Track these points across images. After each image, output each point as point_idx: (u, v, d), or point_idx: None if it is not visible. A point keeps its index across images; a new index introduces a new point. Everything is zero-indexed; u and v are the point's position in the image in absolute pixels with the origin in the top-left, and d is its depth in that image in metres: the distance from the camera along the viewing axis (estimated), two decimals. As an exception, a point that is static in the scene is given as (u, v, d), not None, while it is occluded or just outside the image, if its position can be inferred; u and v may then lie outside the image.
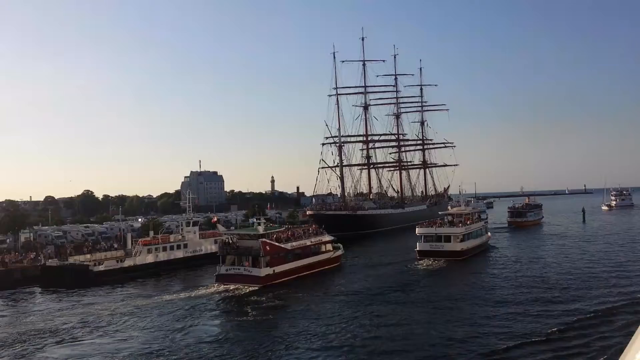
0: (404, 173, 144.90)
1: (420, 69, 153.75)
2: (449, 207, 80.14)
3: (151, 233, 73.17)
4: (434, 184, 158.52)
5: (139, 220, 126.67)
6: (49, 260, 60.02)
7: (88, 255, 63.69)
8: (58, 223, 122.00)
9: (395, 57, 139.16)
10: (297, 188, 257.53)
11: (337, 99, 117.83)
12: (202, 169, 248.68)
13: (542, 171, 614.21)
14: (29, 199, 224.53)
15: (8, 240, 73.27)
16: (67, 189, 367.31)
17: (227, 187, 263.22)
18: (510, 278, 49.49)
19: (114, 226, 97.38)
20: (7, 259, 60.04)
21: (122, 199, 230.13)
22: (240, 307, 42.15)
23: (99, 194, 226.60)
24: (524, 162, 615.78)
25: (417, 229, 65.96)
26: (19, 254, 64.91)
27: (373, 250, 76.70)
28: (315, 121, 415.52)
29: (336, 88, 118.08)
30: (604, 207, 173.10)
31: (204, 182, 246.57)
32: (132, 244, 66.33)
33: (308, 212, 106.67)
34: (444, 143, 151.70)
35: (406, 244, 74.32)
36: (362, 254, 70.80)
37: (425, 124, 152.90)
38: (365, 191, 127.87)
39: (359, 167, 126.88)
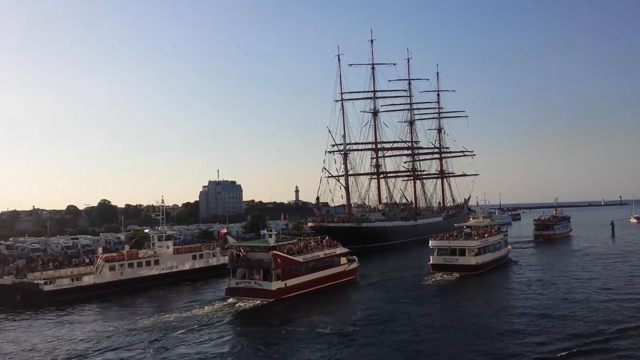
0: (418, 183, 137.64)
1: (437, 73, 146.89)
2: (471, 219, 76.97)
3: (126, 247, 68.24)
4: (452, 195, 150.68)
5: (145, 230, 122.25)
6: (4, 278, 55.12)
7: (48, 272, 58.49)
8: (59, 233, 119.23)
9: (408, 61, 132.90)
10: (317, 198, 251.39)
11: (342, 104, 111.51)
12: (221, 179, 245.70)
13: (575, 181, 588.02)
14: (49, 208, 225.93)
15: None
16: (87, 198, 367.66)
17: (247, 197, 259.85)
18: (528, 299, 45.05)
19: (106, 238, 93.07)
20: (-44, 276, 55.27)
21: (137, 208, 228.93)
22: (250, 321, 39.98)
23: (121, 204, 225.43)
24: (556, 172, 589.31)
25: (430, 241, 63.83)
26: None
27: (375, 265, 70.96)
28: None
29: (341, 93, 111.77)
30: (633, 220, 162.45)
31: (222, 191, 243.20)
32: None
33: (309, 224, 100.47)
34: (462, 151, 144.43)
35: (417, 258, 72.02)
36: (366, 269, 64.76)
37: (443, 131, 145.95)
38: (374, 202, 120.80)
39: (368, 177, 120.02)
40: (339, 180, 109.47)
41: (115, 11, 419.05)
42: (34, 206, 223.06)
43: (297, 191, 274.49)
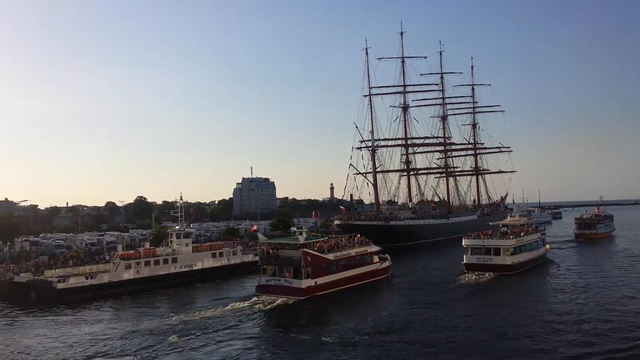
0: (451, 180, 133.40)
1: (472, 67, 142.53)
2: (508, 217, 75.18)
3: (146, 244, 67.49)
4: (487, 193, 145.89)
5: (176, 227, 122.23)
6: (21, 275, 54.95)
7: (66, 269, 57.99)
8: (88, 230, 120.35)
9: (441, 54, 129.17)
10: (351, 196, 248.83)
11: (370, 99, 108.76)
12: (255, 176, 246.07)
13: (622, 179, 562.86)
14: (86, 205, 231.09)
15: (5, 249, 69.48)
16: (127, 195, 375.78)
17: (281, 194, 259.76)
18: (566, 302, 42.64)
19: (132, 235, 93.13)
20: (-25, 273, 55.40)
21: (173, 205, 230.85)
22: (275, 323, 38.96)
23: (158, 201, 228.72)
24: (601, 169, 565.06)
25: (464, 240, 62.64)
26: (4, 264, 60.53)
27: (405, 265, 68.87)
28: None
29: (369, 87, 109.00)
30: None
31: (255, 188, 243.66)
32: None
33: (336, 222, 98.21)
34: (498, 147, 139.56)
35: (449, 258, 70.73)
36: (396, 269, 62.66)
37: (477, 126, 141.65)
38: (403, 199, 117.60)
39: (398, 174, 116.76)
40: (366, 177, 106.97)
41: (151, 9, 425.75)
42: (67, 203, 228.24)
43: (332, 188, 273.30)
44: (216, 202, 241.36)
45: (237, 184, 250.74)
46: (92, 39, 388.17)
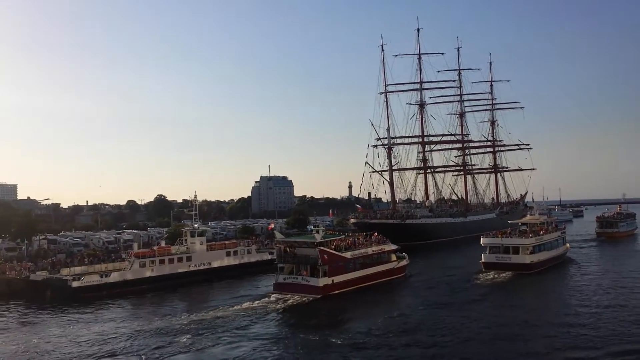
0: (469, 178, 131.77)
1: (490, 63, 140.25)
2: (528, 215, 74.72)
3: (162, 243, 67.78)
4: (506, 190, 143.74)
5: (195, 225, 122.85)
6: (37, 273, 55.54)
7: (82, 268, 58.59)
8: (108, 228, 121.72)
9: (458, 50, 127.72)
10: (369, 194, 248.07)
11: (386, 96, 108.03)
12: (273, 174, 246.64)
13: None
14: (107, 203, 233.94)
15: (23, 247, 70.36)
16: (147, 193, 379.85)
17: (300, 193, 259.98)
18: (585, 304, 41.40)
19: (149, 233, 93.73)
20: (-8, 271, 56.15)
21: (189, 203, 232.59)
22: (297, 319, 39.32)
23: (179, 199, 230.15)
24: (623, 166, 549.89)
25: (482, 239, 62.05)
26: (22, 262, 61.27)
27: (422, 264, 68.30)
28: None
29: (385, 84, 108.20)
30: None
31: (273, 187, 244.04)
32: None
33: (351, 220, 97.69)
34: (518, 145, 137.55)
35: (467, 256, 69.83)
36: (412, 267, 62.17)
37: (496, 123, 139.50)
38: (420, 198, 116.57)
39: (415, 171, 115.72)
40: (382, 175, 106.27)
41: (174, 13, 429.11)
42: (87, 201, 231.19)
43: (350, 187, 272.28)
44: (235, 201, 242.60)
45: (256, 182, 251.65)
46: (116, 40, 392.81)
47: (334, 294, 47.42)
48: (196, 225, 64.92)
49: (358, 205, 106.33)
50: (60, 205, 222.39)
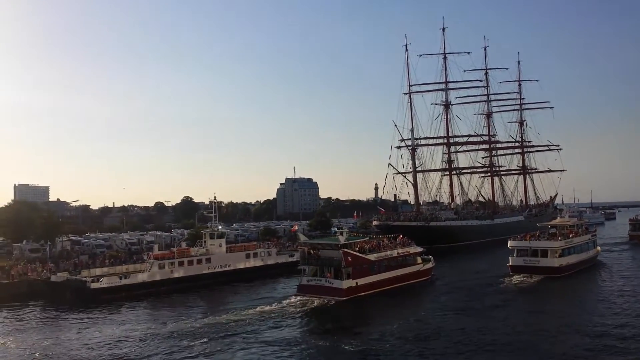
0: (496, 179, 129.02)
1: (518, 62, 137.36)
2: (558, 218, 73.79)
3: (183, 244, 67.68)
4: (535, 192, 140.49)
5: (219, 227, 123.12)
6: (58, 274, 55.86)
7: (103, 269, 58.81)
8: (133, 229, 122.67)
9: (485, 50, 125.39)
10: (395, 196, 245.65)
11: (410, 97, 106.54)
12: (297, 176, 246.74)
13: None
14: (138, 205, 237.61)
15: (46, 248, 71.06)
16: (175, 195, 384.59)
17: (325, 195, 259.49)
18: (614, 310, 39.82)
19: (172, 235, 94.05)
20: (13, 271, 56.56)
21: (220, 205, 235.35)
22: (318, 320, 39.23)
23: (206, 201, 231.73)
24: None
25: (509, 241, 61.47)
26: (45, 263, 61.81)
27: (447, 267, 66.91)
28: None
29: (409, 85, 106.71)
30: None
31: (298, 188, 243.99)
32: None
33: (374, 222, 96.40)
34: (547, 145, 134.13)
35: (494, 260, 68.79)
36: (437, 271, 61.10)
37: (525, 124, 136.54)
38: (445, 200, 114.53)
39: (440, 173, 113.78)
40: (405, 177, 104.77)
41: (197, 13, 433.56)
42: (113, 203, 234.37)
43: (376, 189, 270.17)
44: (261, 203, 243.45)
45: (281, 184, 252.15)
46: (143, 40, 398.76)
47: (357, 296, 47.08)
48: (217, 227, 64.61)
49: (380, 208, 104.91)
50: (90, 207, 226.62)
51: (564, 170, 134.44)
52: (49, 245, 70.37)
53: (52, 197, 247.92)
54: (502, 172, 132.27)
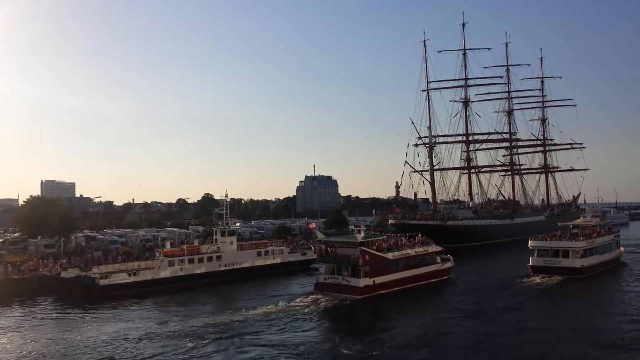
0: (517, 178, 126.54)
1: (541, 58, 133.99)
2: (581, 218, 72.63)
3: (195, 242, 67.55)
4: (557, 192, 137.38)
5: (237, 224, 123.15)
6: (69, 270, 56.00)
7: (114, 265, 58.72)
8: (154, 226, 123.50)
9: (506, 46, 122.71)
10: (415, 194, 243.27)
11: (428, 93, 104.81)
12: (317, 174, 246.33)
13: None
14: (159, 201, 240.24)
15: (61, 244, 71.57)
16: (198, 192, 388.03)
17: (345, 192, 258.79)
18: (635, 316, 38.34)
19: (188, 232, 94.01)
20: (23, 267, 56.90)
21: (240, 202, 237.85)
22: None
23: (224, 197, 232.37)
24: None
25: (530, 241, 60.92)
26: (58, 259, 62.19)
27: (466, 267, 65.56)
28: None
29: (427, 82, 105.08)
30: None
31: (318, 186, 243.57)
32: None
33: (390, 221, 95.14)
34: (570, 144, 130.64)
35: (513, 260, 68.12)
36: (456, 270, 60.22)
37: (547, 121, 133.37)
38: (463, 198, 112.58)
39: (458, 171, 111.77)
40: (422, 175, 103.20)
41: (219, 11, 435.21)
42: (133, 199, 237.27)
43: (397, 187, 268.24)
44: (280, 200, 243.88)
45: (300, 182, 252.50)
46: (165, 41, 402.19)
47: (374, 295, 46.88)
48: (227, 224, 64.30)
49: (395, 206, 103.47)
50: (113, 203, 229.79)
51: (586, 169, 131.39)
52: (63, 241, 70.81)
53: (78, 194, 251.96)
54: (523, 171, 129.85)
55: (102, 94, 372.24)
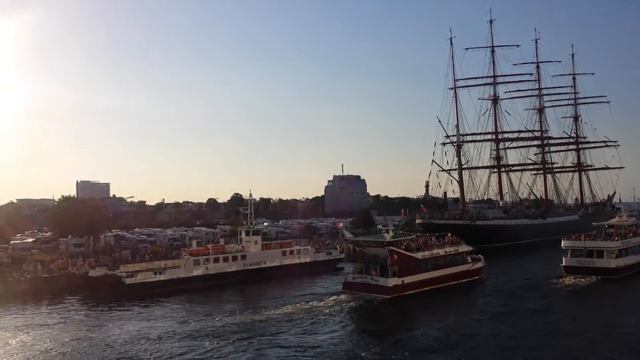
0: (549, 177, 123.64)
1: (572, 55, 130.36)
2: (616, 217, 71.42)
3: (221, 241, 67.79)
4: (591, 191, 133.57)
5: (264, 223, 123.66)
6: (96, 269, 56.87)
7: (142, 264, 59.46)
8: (184, 225, 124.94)
9: (536, 42, 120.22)
10: (445, 193, 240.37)
11: (455, 91, 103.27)
12: (346, 173, 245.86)
13: None
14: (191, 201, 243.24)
15: (90, 243, 72.87)
16: (226, 192, 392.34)
17: (374, 192, 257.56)
18: None
19: (214, 231, 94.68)
20: (52, 266, 58.00)
21: (269, 202, 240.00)
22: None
23: (257, 197, 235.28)
24: None
25: (563, 241, 59.49)
26: (86, 259, 63.29)
27: (496, 267, 64.21)
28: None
29: (454, 79, 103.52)
30: None
31: (346, 186, 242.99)
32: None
33: (417, 221, 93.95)
34: (604, 141, 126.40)
35: (546, 261, 67.02)
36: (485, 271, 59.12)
37: (580, 119, 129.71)
38: (493, 198, 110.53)
39: (487, 170, 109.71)
40: (450, 174, 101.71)
41: (249, 9, 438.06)
42: (163, 199, 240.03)
43: (427, 186, 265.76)
44: (309, 199, 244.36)
45: (329, 181, 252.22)
46: (192, 40, 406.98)
47: (403, 295, 46.52)
48: (252, 224, 64.39)
49: (422, 206, 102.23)
50: (146, 203, 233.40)
51: (622, 168, 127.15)
52: (93, 240, 72.04)
53: (112, 194, 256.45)
54: (555, 170, 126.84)
55: (137, 94, 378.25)
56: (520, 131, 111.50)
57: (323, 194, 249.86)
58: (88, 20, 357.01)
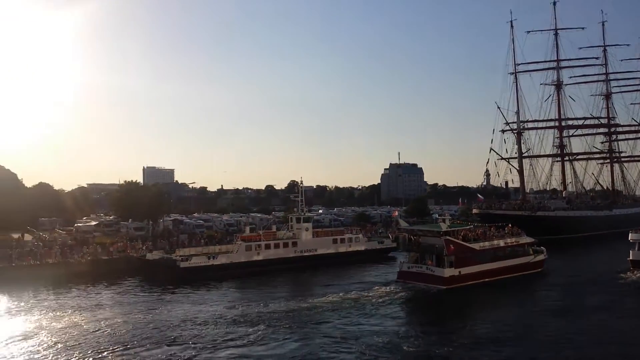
0: (616, 167, 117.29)
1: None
2: None
3: (274, 227, 68.43)
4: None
5: (319, 211, 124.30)
6: (154, 252, 58.68)
7: (197, 249, 60.78)
8: (242, 211, 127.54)
9: (603, 25, 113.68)
10: (506, 182, 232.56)
11: (516, 76, 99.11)
12: (402, 162, 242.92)
13: None
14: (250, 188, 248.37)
15: (149, 227, 75.38)
16: (283, 178, 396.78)
17: (432, 180, 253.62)
18: None
19: (268, 217, 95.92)
20: (112, 248, 60.26)
21: (325, 189, 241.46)
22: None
23: (314, 185, 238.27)
24: None
25: (630, 234, 56.46)
26: (143, 242, 65.41)
27: (558, 261, 61.52)
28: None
29: (515, 64, 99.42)
30: None
31: (402, 174, 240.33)
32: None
33: (474, 211, 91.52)
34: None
35: (612, 254, 63.76)
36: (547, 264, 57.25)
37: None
38: (557, 187, 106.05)
39: (550, 159, 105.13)
40: (509, 163, 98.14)
41: (302, 4, 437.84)
42: (222, 185, 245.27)
43: (487, 175, 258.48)
44: (366, 187, 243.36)
45: (385, 169, 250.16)
46: (249, 28, 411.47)
47: (460, 286, 45.61)
48: (302, 211, 64.65)
49: (479, 195, 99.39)
50: (207, 189, 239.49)
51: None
52: (152, 224, 74.39)
53: (176, 180, 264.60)
54: (623, 159, 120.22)
55: (201, 83, 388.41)
56: (585, 118, 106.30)
57: (379, 182, 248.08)
58: (150, 15, 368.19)
